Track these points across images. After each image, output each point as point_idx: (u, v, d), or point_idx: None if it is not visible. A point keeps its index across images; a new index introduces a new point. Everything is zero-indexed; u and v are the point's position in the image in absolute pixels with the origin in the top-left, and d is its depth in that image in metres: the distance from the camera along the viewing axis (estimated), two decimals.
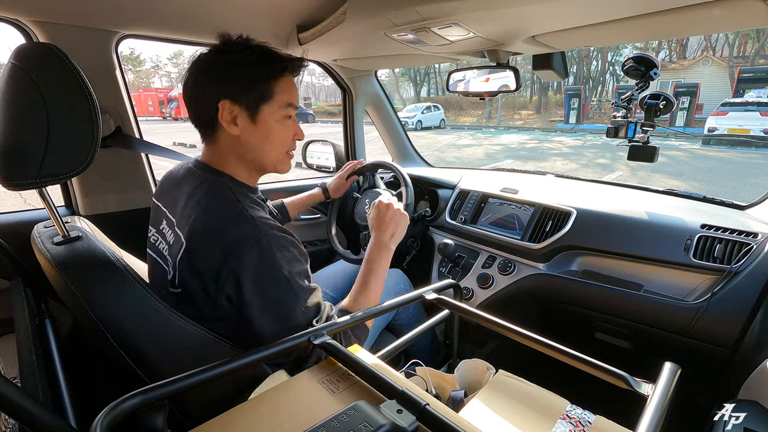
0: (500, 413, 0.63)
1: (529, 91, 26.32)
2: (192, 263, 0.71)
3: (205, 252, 0.70)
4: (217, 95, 0.73)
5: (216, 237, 0.70)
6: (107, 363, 0.70)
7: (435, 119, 19.27)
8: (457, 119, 22.94)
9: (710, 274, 1.03)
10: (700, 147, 11.42)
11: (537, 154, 11.18)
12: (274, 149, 0.80)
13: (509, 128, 19.51)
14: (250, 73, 0.74)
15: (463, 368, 0.88)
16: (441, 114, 19.68)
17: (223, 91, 0.73)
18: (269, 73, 0.76)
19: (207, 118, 0.76)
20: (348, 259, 1.47)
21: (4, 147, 0.63)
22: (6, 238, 0.96)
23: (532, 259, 1.32)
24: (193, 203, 0.75)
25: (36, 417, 0.45)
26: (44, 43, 0.71)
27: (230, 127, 0.75)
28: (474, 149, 12.81)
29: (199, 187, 0.76)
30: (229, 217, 0.71)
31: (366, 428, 0.43)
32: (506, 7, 0.76)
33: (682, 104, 14.25)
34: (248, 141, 0.77)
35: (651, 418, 0.49)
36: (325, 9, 1.05)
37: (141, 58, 38.03)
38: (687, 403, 0.94)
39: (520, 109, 24.43)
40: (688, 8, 0.69)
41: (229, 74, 0.74)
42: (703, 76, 17.23)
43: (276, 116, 0.78)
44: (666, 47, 23.51)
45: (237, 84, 0.74)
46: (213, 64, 0.75)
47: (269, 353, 0.61)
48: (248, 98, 0.75)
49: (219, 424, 0.50)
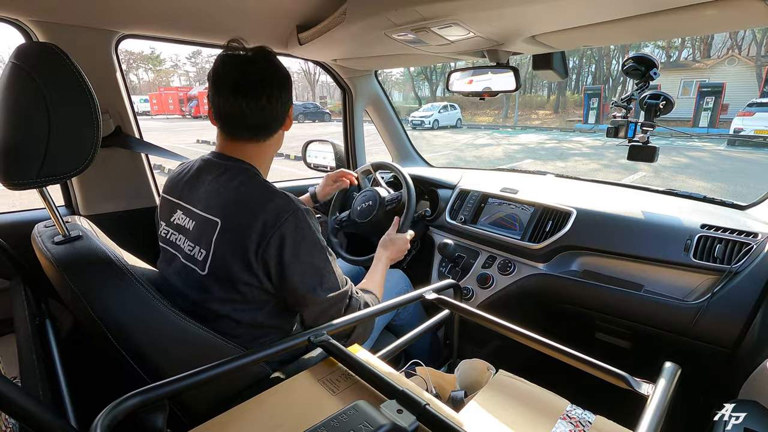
0: (500, 413, 0.63)
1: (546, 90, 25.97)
2: (230, 239, 0.75)
3: (245, 225, 0.74)
4: (288, 103, 0.85)
5: (256, 210, 0.75)
6: (107, 363, 0.70)
7: (452, 118, 19.21)
8: (473, 118, 22.90)
9: (710, 274, 1.03)
10: (726, 148, 11.18)
11: (557, 154, 11.00)
12: None
13: (526, 128, 19.29)
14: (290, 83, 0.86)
15: (463, 368, 0.88)
16: (458, 113, 19.62)
17: (290, 98, 0.86)
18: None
19: (275, 124, 0.85)
20: (347, 259, 1.47)
21: (4, 147, 0.63)
22: (6, 238, 0.96)
23: (532, 259, 1.32)
24: (224, 186, 0.79)
25: (36, 417, 0.45)
26: (45, 43, 0.71)
27: (290, 123, 0.89)
28: (492, 149, 12.67)
29: (228, 172, 0.81)
30: (265, 193, 0.78)
31: (366, 428, 0.43)
32: (506, 7, 0.76)
33: (706, 105, 13.93)
34: (281, 136, 0.90)
35: (651, 418, 0.49)
36: (324, 9, 1.05)
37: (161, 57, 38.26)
38: (687, 403, 0.94)
39: (537, 108, 24.18)
40: (687, 8, 0.69)
41: (289, 84, 0.85)
42: (729, 75, 16.73)
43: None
44: (689, 46, 23.06)
45: (289, 93, 0.86)
46: (282, 78, 0.83)
47: (269, 353, 0.62)
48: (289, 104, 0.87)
49: (219, 424, 0.50)
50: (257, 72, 0.80)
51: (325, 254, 0.81)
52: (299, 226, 0.76)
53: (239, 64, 0.79)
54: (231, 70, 0.79)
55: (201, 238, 0.78)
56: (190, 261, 0.79)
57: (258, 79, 0.80)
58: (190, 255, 0.79)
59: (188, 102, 24.23)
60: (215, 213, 0.77)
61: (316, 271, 0.78)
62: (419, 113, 19.11)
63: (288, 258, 0.75)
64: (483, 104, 24.15)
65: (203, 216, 0.79)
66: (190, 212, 0.82)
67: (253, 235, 0.73)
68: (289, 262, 0.75)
